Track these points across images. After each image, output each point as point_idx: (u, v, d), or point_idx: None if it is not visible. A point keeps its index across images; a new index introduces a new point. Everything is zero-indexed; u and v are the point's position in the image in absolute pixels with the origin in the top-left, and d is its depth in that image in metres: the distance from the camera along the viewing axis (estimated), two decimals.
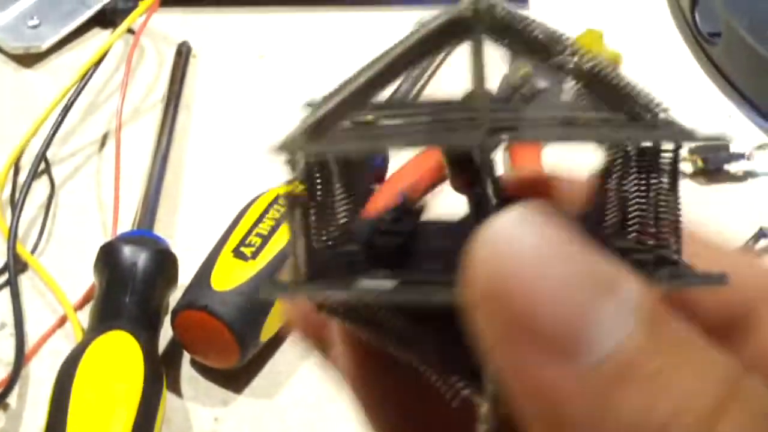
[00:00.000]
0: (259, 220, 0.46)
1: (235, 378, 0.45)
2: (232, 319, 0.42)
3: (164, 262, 0.46)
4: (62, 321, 0.47)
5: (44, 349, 0.46)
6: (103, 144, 0.56)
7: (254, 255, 0.45)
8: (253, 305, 0.43)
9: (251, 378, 0.45)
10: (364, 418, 0.21)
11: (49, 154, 0.54)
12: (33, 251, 0.50)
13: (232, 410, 0.44)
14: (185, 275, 0.46)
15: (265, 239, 0.45)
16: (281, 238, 0.45)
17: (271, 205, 0.47)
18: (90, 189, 0.54)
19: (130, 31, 0.60)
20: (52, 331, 0.47)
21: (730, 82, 0.61)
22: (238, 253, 0.45)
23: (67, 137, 0.56)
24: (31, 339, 0.46)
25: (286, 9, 0.65)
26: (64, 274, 0.49)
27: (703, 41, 0.62)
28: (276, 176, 0.52)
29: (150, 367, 0.41)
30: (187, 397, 0.45)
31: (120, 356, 0.41)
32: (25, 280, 0.49)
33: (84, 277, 0.48)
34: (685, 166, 0.54)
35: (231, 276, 0.44)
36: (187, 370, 0.45)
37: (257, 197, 0.48)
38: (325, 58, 0.61)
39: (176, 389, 0.45)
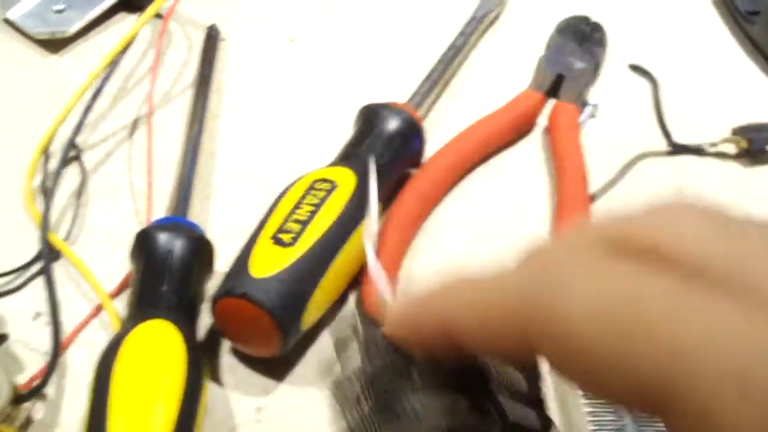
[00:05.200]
0: (297, 205, 0.45)
1: (274, 367, 0.44)
2: (273, 306, 0.41)
3: (200, 249, 0.45)
4: (98, 310, 0.46)
5: (80, 338, 0.45)
6: (133, 129, 0.55)
7: (293, 241, 0.43)
8: (294, 292, 0.42)
9: (292, 366, 0.44)
10: None
11: (79, 141, 0.53)
12: (66, 239, 0.49)
13: (273, 399, 0.43)
14: (220, 262, 0.45)
15: (304, 224, 0.44)
16: (320, 223, 0.44)
17: (308, 190, 0.46)
18: (122, 175, 0.52)
19: (157, 15, 0.59)
20: (89, 320, 0.46)
21: None
22: (276, 240, 0.44)
23: (97, 123, 0.55)
24: (66, 328, 0.45)
25: None
26: (97, 262, 0.48)
27: (741, 19, 0.61)
28: (311, 159, 0.50)
29: (192, 355, 0.40)
30: (228, 387, 0.44)
31: (161, 345, 0.40)
32: (58, 269, 0.48)
33: (118, 265, 0.48)
34: (729, 148, 0.53)
35: (270, 262, 0.43)
36: (227, 360, 0.44)
37: (294, 182, 0.47)
38: (355, 41, 0.60)
39: (216, 378, 0.44)
